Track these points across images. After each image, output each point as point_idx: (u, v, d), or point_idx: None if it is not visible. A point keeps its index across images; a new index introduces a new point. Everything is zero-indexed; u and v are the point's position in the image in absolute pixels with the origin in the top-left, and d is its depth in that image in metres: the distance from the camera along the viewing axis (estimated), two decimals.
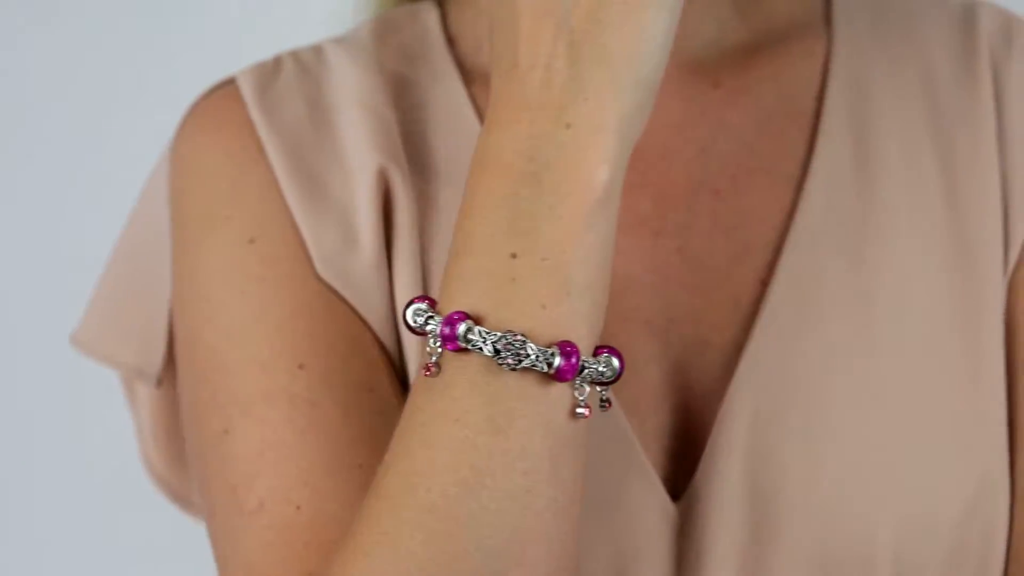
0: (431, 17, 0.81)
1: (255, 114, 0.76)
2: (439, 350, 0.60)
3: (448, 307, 0.60)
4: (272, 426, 0.69)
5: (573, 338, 0.59)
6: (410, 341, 0.72)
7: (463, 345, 0.59)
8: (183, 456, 0.87)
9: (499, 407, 0.59)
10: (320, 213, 0.73)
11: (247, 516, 0.67)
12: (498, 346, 0.59)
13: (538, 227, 0.60)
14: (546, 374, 0.59)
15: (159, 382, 0.83)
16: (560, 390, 0.60)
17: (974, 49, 0.77)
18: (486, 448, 0.59)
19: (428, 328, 0.60)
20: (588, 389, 0.60)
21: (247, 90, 0.77)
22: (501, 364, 0.59)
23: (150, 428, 0.87)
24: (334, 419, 0.69)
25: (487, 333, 0.59)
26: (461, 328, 0.59)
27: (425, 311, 0.61)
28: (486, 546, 0.58)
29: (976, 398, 0.72)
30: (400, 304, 0.72)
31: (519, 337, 0.59)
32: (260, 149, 0.75)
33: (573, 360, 0.59)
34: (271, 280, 0.72)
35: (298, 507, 0.67)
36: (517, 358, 0.59)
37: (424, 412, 0.60)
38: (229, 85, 0.79)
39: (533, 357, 0.59)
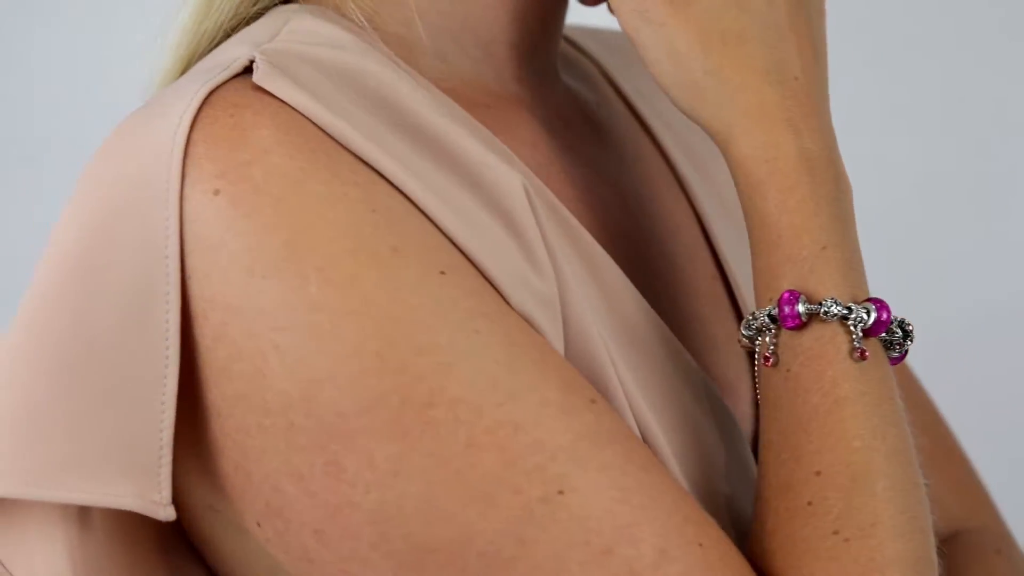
0: (341, 25, 0.69)
1: (333, 121, 0.61)
2: (860, 334, 0.63)
3: (844, 295, 0.64)
4: (619, 469, 0.59)
5: None
6: None
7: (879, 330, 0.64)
8: None
9: (895, 380, 0.65)
10: (482, 233, 0.63)
11: (646, 573, 0.58)
12: (906, 329, 0.66)
13: (853, 225, 0.67)
14: (892, 356, 0.66)
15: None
16: None
17: None
18: (906, 420, 0.65)
19: (851, 316, 0.63)
20: None
21: (293, 94, 0.61)
22: (899, 348, 0.65)
23: None
24: (651, 452, 0.62)
25: (897, 319, 0.65)
26: (885, 315, 0.64)
27: (828, 303, 0.64)
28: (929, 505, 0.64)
29: None
30: (578, 329, 0.65)
31: (909, 321, 0.66)
32: (363, 163, 0.61)
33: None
34: (494, 316, 0.60)
35: (700, 544, 0.59)
36: (911, 341, 0.66)
37: (871, 394, 0.63)
38: (242, 86, 0.62)
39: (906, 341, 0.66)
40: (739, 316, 0.79)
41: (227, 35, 0.69)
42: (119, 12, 1.30)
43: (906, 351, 0.66)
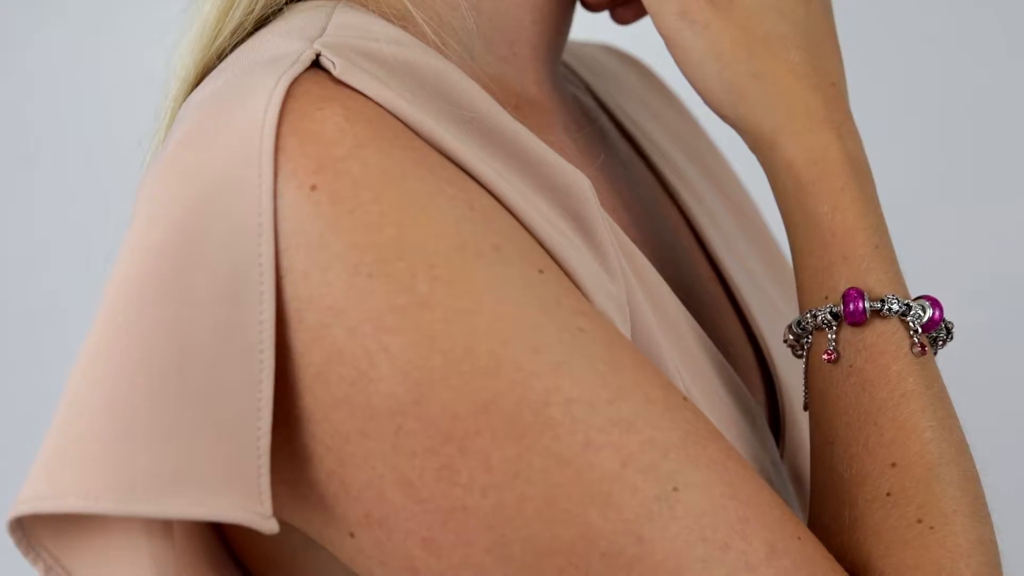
0: (378, 20, 0.67)
1: (421, 118, 0.59)
2: (919, 330, 0.65)
3: (900, 293, 0.66)
4: (723, 464, 0.59)
5: None
6: None
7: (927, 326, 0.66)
8: None
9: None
10: (562, 234, 0.62)
11: (761, 567, 0.57)
12: (948, 326, 0.67)
13: (885, 221, 0.68)
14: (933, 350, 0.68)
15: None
16: None
17: (641, 71, 0.94)
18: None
19: (910, 313, 0.65)
20: None
21: (378, 90, 0.59)
22: (940, 343, 0.67)
23: None
24: (734, 446, 0.62)
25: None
26: (938, 312, 0.66)
27: (890, 299, 0.65)
28: None
29: None
30: (644, 332, 0.65)
31: (951, 321, 0.67)
32: (449, 160, 0.60)
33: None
34: (591, 314, 0.59)
35: (799, 537, 0.59)
36: (952, 338, 0.68)
37: (934, 388, 0.65)
38: (321, 80, 0.59)
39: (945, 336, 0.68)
40: (740, 316, 0.81)
41: (251, 30, 0.67)
42: (117, 13, 1.30)
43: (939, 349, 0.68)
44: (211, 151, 0.57)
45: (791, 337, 0.68)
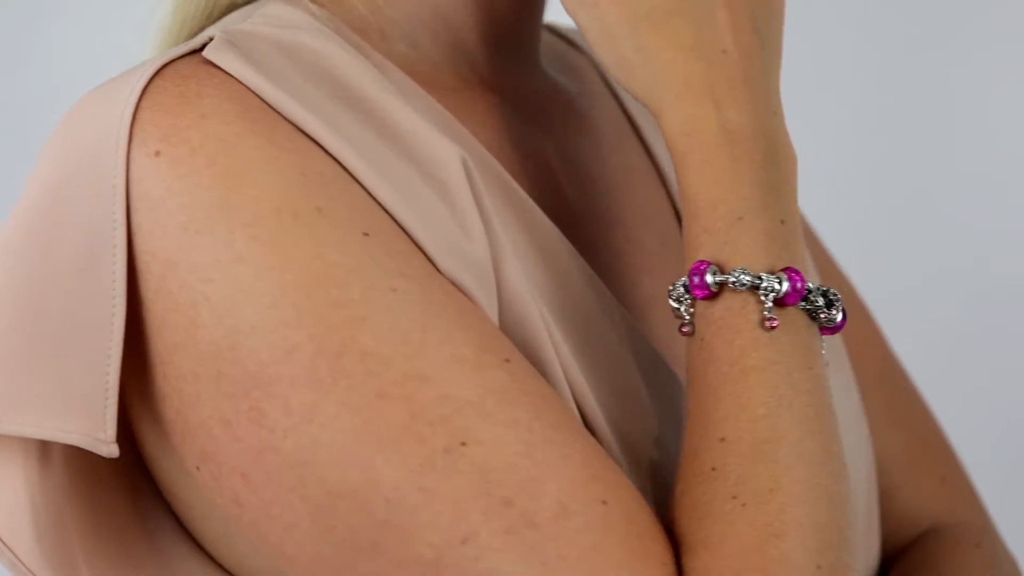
0: (308, 11, 0.73)
1: (274, 93, 0.65)
2: (771, 304, 0.64)
3: (758, 266, 0.65)
4: (526, 425, 0.61)
5: None
6: None
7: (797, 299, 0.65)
8: (80, 553, 0.68)
9: (819, 349, 0.66)
10: (414, 201, 0.66)
11: (545, 526, 0.60)
12: (830, 298, 0.66)
13: (785, 196, 0.67)
14: (822, 326, 0.66)
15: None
16: None
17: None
18: (829, 387, 0.65)
19: (762, 285, 0.64)
20: None
21: (238, 67, 0.66)
22: (823, 316, 0.66)
23: (31, 524, 0.66)
24: (567, 412, 0.64)
25: (818, 288, 0.65)
26: (799, 284, 0.64)
27: (737, 273, 0.64)
28: (847, 475, 0.64)
29: None
30: (512, 296, 0.67)
31: (834, 291, 0.66)
32: (301, 132, 0.65)
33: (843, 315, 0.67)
34: (415, 277, 0.63)
35: (604, 502, 0.61)
36: (836, 310, 0.66)
37: (782, 363, 0.64)
38: (194, 60, 0.66)
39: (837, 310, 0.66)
40: None
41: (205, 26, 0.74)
42: (118, 13, 1.30)
43: (839, 321, 0.66)
44: (87, 120, 0.65)
45: (674, 312, 0.68)
